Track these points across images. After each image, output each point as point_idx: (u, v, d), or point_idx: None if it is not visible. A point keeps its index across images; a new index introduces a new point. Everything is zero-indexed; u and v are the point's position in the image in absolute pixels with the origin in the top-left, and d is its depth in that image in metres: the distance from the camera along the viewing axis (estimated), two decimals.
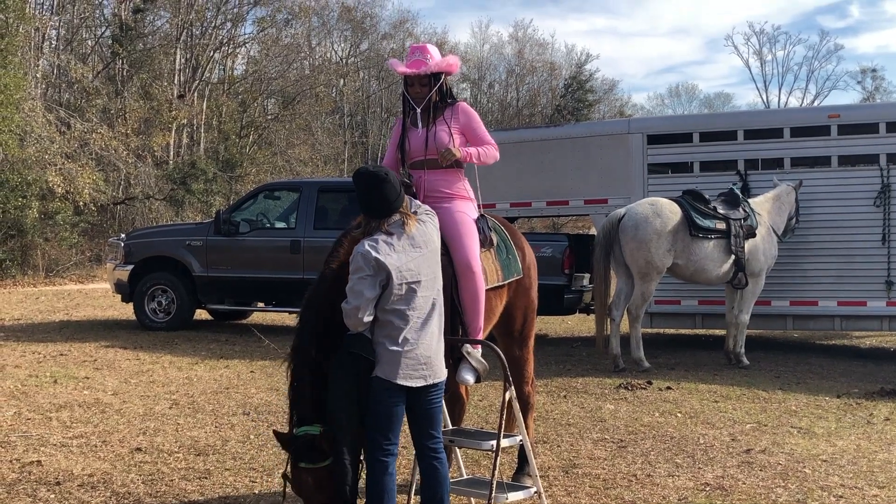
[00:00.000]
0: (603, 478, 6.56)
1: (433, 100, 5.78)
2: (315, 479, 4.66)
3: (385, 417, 4.68)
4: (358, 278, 4.56)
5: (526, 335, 6.26)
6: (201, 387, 9.97)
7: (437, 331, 4.78)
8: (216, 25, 42.11)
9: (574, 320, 16.66)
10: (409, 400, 4.73)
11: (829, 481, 6.52)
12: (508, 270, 5.96)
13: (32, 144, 27.86)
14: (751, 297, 12.17)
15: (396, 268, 4.57)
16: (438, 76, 5.77)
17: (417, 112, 5.79)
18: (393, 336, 4.62)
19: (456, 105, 5.86)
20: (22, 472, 6.56)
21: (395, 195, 4.73)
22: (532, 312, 6.29)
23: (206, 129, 41.28)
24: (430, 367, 4.70)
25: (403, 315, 4.61)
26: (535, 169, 14.38)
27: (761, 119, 14.84)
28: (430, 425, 4.81)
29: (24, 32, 29.42)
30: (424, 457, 4.82)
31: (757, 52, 76.67)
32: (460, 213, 5.64)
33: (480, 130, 5.91)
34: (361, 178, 4.78)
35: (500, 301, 5.95)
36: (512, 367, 6.14)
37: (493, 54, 61.64)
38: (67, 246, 29.07)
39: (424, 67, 5.67)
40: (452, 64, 5.82)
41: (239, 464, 6.85)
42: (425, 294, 4.69)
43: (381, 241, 4.62)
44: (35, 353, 12.18)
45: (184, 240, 14.88)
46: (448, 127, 5.75)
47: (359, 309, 4.55)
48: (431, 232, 4.86)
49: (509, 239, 6.11)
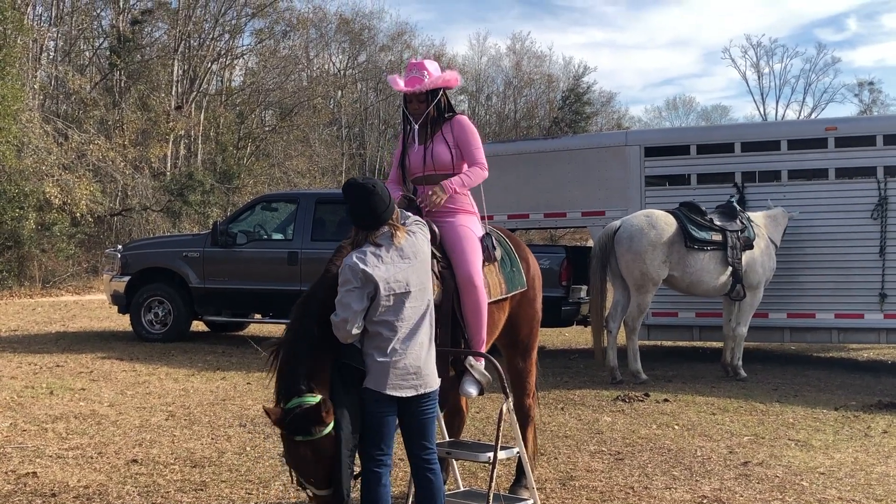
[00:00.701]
0: (600, 490, 6.55)
1: (431, 115, 5.77)
2: (314, 451, 4.56)
3: (376, 428, 4.67)
4: (346, 291, 4.58)
5: (529, 346, 6.27)
6: (197, 398, 9.95)
7: (426, 340, 4.77)
8: (214, 37, 42.19)
9: (571, 332, 16.64)
10: (401, 410, 4.72)
11: (827, 494, 6.50)
12: (512, 284, 5.96)
13: (30, 155, 27.86)
14: (749, 309, 12.17)
15: (384, 279, 4.58)
16: (436, 92, 5.76)
17: (415, 128, 5.79)
18: (381, 347, 4.62)
19: (454, 119, 5.84)
20: (17, 483, 6.53)
21: (384, 207, 4.74)
22: (536, 323, 6.30)
23: (203, 141, 41.29)
24: (419, 377, 4.69)
25: (392, 326, 4.62)
26: (533, 181, 14.39)
27: (758, 131, 14.86)
28: (422, 436, 4.79)
29: (22, 43, 29.45)
30: (418, 468, 4.81)
31: (754, 64, 76.70)
32: (463, 228, 5.64)
33: (471, 146, 5.83)
34: (350, 190, 4.80)
35: (502, 314, 5.95)
36: (514, 378, 6.16)
37: (491, 66, 61.86)
38: (64, 257, 29.03)
39: (420, 85, 5.67)
40: (450, 79, 5.81)
41: (235, 475, 6.82)
42: (414, 304, 4.69)
43: (368, 254, 4.63)
44: (31, 364, 12.15)
45: (181, 251, 14.87)
46: (446, 142, 5.74)
47: (347, 321, 4.56)
48: (421, 243, 4.86)
49: (513, 251, 6.12)
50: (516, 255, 6.11)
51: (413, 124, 5.80)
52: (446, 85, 5.81)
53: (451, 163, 5.76)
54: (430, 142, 5.74)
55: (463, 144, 5.80)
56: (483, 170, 5.84)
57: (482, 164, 5.85)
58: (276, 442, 7.86)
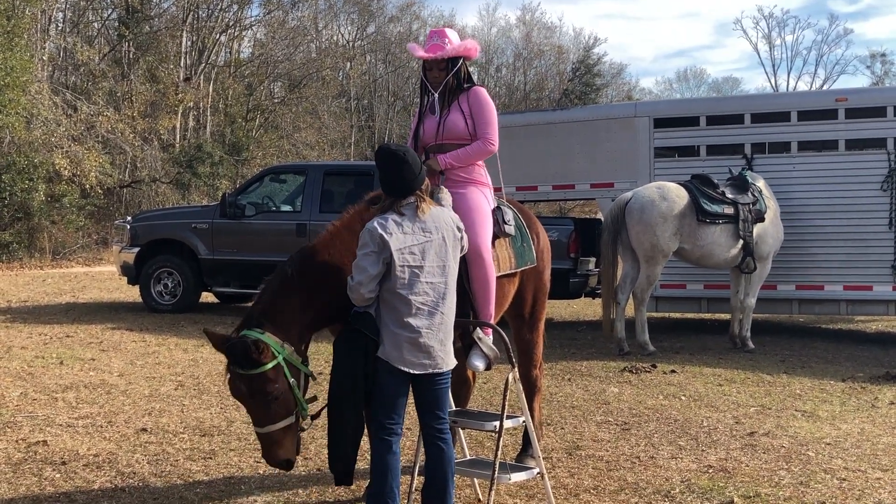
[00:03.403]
0: (606, 460, 6.58)
1: (451, 84, 5.72)
2: (248, 387, 4.68)
3: (388, 398, 4.69)
4: (363, 254, 4.61)
5: (536, 318, 6.27)
6: (206, 368, 10.00)
7: (447, 322, 4.77)
8: (223, 8, 42.00)
9: (579, 304, 16.66)
10: (414, 382, 4.74)
11: (833, 464, 6.52)
12: (522, 259, 5.95)
13: (39, 127, 27.90)
14: (758, 280, 12.16)
15: (398, 249, 4.59)
16: (456, 60, 5.70)
17: (435, 97, 5.76)
18: (396, 319, 4.64)
19: (472, 89, 5.76)
20: (28, 451, 6.59)
21: (413, 176, 4.74)
22: (543, 296, 6.30)
23: (212, 113, 41.24)
24: (432, 356, 4.69)
25: (406, 301, 4.62)
26: (542, 153, 14.36)
27: (768, 102, 14.79)
28: (435, 406, 4.81)
29: (30, 15, 29.42)
30: (430, 438, 4.82)
31: (766, 36, 76.43)
32: (475, 200, 5.60)
33: (482, 120, 5.69)
34: (382, 156, 4.83)
35: (512, 287, 5.95)
36: (521, 349, 6.16)
37: (501, 38, 61.49)
38: (74, 229, 29.14)
39: (441, 52, 5.61)
40: (471, 48, 5.75)
41: (243, 444, 6.87)
42: (431, 281, 4.69)
43: (389, 220, 4.66)
44: (41, 334, 12.23)
45: (190, 223, 14.91)
46: (462, 112, 5.69)
47: (362, 284, 4.60)
48: (447, 219, 4.85)
49: (524, 226, 6.09)
50: (527, 230, 6.09)
51: (433, 93, 5.78)
52: (467, 54, 5.74)
53: (465, 131, 5.66)
54: (446, 111, 5.71)
55: (476, 116, 5.70)
56: (488, 144, 5.68)
57: (488, 140, 5.68)
58: None
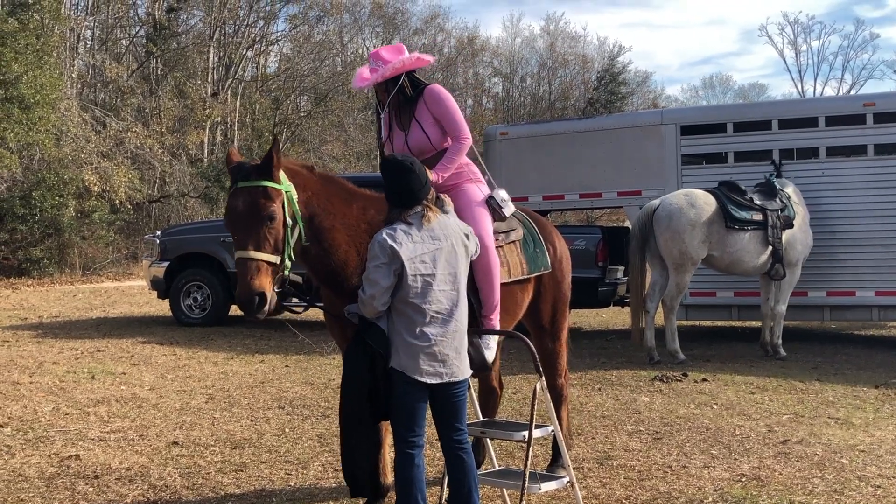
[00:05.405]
0: (638, 469, 6.53)
1: (398, 101, 5.60)
2: (247, 201, 4.73)
3: (407, 411, 4.68)
4: (374, 266, 4.60)
5: (558, 328, 6.23)
6: (237, 381, 10.04)
7: (461, 329, 4.76)
8: (249, 23, 42.30)
9: (608, 313, 16.60)
10: (431, 394, 4.72)
11: (867, 472, 6.44)
12: (535, 264, 5.91)
13: (68, 144, 28.17)
14: (788, 287, 12.06)
15: (409, 258, 4.59)
16: (397, 79, 5.54)
17: (383, 117, 5.70)
18: (410, 328, 4.63)
19: (425, 92, 5.60)
20: (61, 466, 6.64)
21: (420, 186, 4.75)
22: (563, 306, 6.25)
23: (239, 127, 41.46)
24: (447, 365, 4.66)
25: (420, 309, 4.61)
26: (568, 161, 14.33)
27: (796, 108, 14.68)
28: (453, 417, 4.78)
29: (59, 33, 29.75)
30: (449, 448, 4.80)
31: (792, 42, 75.92)
32: (468, 192, 5.57)
33: (447, 117, 5.56)
34: (388, 167, 4.83)
35: (525, 295, 5.92)
36: (545, 359, 6.11)
37: (525, 48, 61.33)
38: (104, 244, 29.34)
39: (376, 76, 5.50)
40: (415, 60, 5.57)
41: (274, 457, 6.89)
42: (443, 289, 4.68)
43: (398, 231, 4.65)
44: (73, 349, 12.32)
45: (218, 236, 14.96)
46: (421, 125, 5.57)
47: (374, 297, 4.59)
48: (454, 227, 4.85)
49: (537, 232, 6.05)
50: (540, 237, 6.05)
51: (383, 112, 5.70)
52: (411, 68, 5.59)
53: (430, 145, 5.57)
54: (408, 130, 5.60)
55: (441, 118, 5.57)
56: (463, 141, 5.56)
57: (461, 137, 5.56)
58: (314, 423, 7.94)
